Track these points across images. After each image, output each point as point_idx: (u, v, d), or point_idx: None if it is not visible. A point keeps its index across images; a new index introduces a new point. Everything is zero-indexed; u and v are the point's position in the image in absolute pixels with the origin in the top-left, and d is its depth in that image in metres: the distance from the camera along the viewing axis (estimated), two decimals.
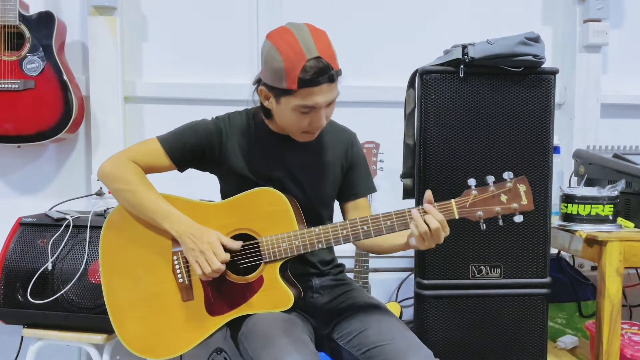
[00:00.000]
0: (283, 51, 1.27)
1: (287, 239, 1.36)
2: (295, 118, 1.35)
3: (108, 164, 1.44)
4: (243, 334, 1.36)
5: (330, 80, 1.30)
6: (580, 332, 2.26)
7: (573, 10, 2.48)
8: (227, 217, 1.41)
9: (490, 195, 1.28)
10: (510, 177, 1.29)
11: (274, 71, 1.29)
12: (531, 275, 1.80)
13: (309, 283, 1.50)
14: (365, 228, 1.33)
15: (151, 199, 1.40)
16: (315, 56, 1.26)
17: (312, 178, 1.49)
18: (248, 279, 1.38)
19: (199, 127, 1.46)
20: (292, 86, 1.27)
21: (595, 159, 1.99)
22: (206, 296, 1.40)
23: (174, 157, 1.44)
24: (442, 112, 1.75)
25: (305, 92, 1.28)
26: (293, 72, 1.26)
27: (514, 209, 1.28)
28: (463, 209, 1.29)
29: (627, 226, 1.81)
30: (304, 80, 1.26)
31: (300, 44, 1.27)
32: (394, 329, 1.37)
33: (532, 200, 1.29)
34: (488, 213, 1.28)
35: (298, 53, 1.26)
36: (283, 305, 1.36)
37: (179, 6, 2.39)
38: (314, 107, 1.32)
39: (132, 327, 1.44)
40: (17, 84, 2.09)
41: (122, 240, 1.46)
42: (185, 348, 1.42)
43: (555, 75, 1.77)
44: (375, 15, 2.44)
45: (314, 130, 1.39)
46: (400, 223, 1.31)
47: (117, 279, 1.46)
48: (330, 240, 1.35)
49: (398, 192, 1.94)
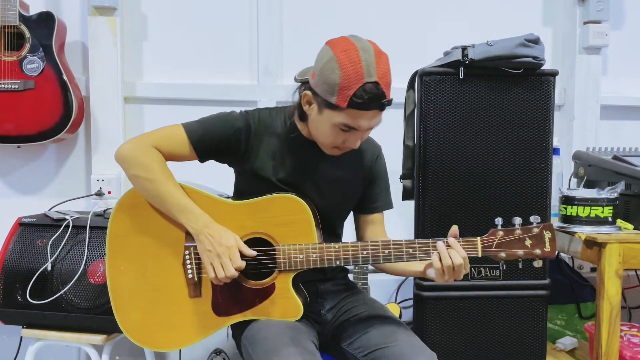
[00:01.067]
0: (343, 67, 1.23)
1: (304, 250, 1.33)
2: (332, 133, 1.32)
3: (128, 147, 1.38)
4: (247, 337, 1.35)
5: (380, 108, 1.29)
6: (579, 333, 2.26)
7: (573, 12, 2.48)
8: (246, 219, 1.37)
9: (515, 238, 1.29)
10: (538, 222, 1.29)
11: (328, 83, 1.25)
12: (530, 276, 1.80)
13: (314, 288, 1.49)
14: (386, 252, 1.31)
15: (171, 190, 1.35)
16: (373, 81, 1.23)
17: (334, 189, 1.47)
18: (259, 284, 1.36)
19: (228, 120, 1.41)
20: (341, 104, 1.25)
21: (595, 160, 1.99)
22: (214, 295, 1.38)
23: (198, 147, 1.39)
24: (441, 113, 1.75)
25: (352, 113, 1.26)
26: (347, 91, 1.23)
27: (536, 255, 1.29)
28: (488, 249, 1.29)
29: (626, 228, 1.81)
30: (355, 103, 1.24)
31: (362, 65, 1.23)
32: (397, 331, 1.37)
33: (555, 248, 1.29)
34: (510, 256, 1.29)
35: (358, 74, 1.23)
36: (292, 316, 1.35)
37: (179, 6, 2.39)
38: (355, 129, 1.30)
39: (133, 314, 1.42)
40: (17, 84, 2.09)
41: (133, 225, 1.42)
42: (186, 343, 1.40)
43: (555, 77, 1.77)
44: (375, 16, 2.44)
45: (346, 149, 1.37)
46: (422, 253, 1.30)
47: (122, 264, 1.42)
48: (349, 260, 1.33)
49: (398, 193, 1.94)
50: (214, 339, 1.43)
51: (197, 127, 1.40)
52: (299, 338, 1.30)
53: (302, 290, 1.41)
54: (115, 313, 1.43)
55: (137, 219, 1.42)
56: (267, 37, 2.39)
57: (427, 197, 1.77)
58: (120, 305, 1.43)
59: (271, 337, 1.28)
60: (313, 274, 1.45)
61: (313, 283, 1.48)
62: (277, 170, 1.42)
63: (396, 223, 1.99)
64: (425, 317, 1.79)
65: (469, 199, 1.76)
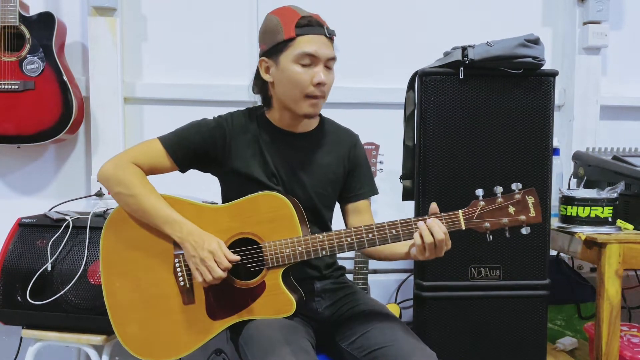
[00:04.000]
0: (278, 12, 1.40)
1: (290, 244, 1.34)
2: (297, 75, 1.37)
3: (109, 167, 1.42)
4: (243, 338, 1.35)
5: (327, 35, 1.38)
6: (579, 333, 2.26)
7: (573, 12, 2.49)
8: (230, 221, 1.39)
9: (497, 207, 1.27)
10: (519, 188, 1.26)
11: (271, 30, 1.38)
12: (530, 277, 1.80)
13: (310, 287, 1.49)
14: (370, 236, 1.31)
15: (153, 203, 1.38)
16: (308, 14, 1.38)
17: (314, 177, 1.49)
18: (250, 284, 1.37)
19: (201, 126, 1.45)
20: (290, 34, 1.35)
21: (595, 160, 1.99)
22: (207, 300, 1.39)
23: (176, 157, 1.43)
24: (441, 113, 1.75)
25: (303, 40, 1.35)
26: (290, 24, 1.35)
27: (521, 221, 1.26)
28: (470, 220, 1.28)
29: (626, 228, 1.81)
30: (301, 26, 1.35)
31: (292, 8, 1.40)
32: (397, 331, 1.37)
33: (541, 212, 1.27)
34: (495, 225, 1.27)
35: (292, 12, 1.38)
36: (285, 312, 1.35)
37: (179, 7, 2.39)
38: (314, 56, 1.36)
39: (132, 328, 1.43)
40: (17, 84, 2.09)
41: (123, 240, 1.44)
42: (185, 351, 1.41)
43: (554, 77, 1.77)
44: (375, 17, 2.44)
45: (317, 91, 1.38)
46: (405, 232, 1.30)
47: (117, 280, 1.45)
48: (335, 248, 1.33)
49: (398, 193, 1.95)
50: (214, 339, 1.43)
51: (173, 137, 1.45)
52: (295, 337, 1.30)
53: (297, 288, 1.41)
54: (114, 328, 1.45)
55: (126, 234, 1.44)
56: None
57: (427, 197, 1.76)
58: (119, 320, 1.45)
59: (266, 336, 1.29)
60: (307, 271, 1.48)
61: (309, 282, 1.49)
62: (257, 166, 1.45)
63: None
64: (425, 318, 1.79)
65: (469, 199, 1.74)
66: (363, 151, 1.60)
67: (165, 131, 1.48)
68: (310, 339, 1.38)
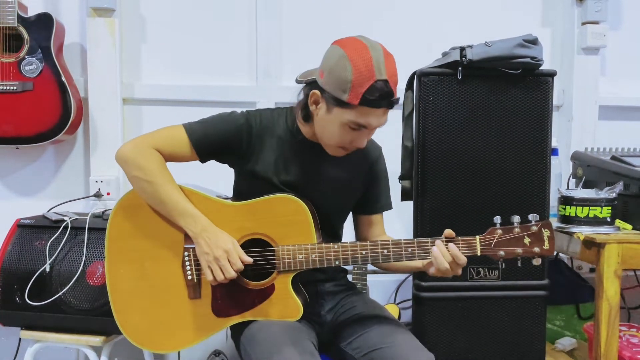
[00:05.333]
0: (356, 65, 1.24)
1: (304, 251, 1.33)
2: (341, 132, 1.32)
3: (128, 149, 1.38)
4: (246, 337, 1.35)
5: (389, 106, 1.30)
6: (578, 334, 2.26)
7: (571, 13, 2.49)
8: (244, 220, 1.37)
9: (514, 237, 1.29)
10: (536, 220, 1.29)
11: (340, 81, 1.26)
12: (529, 277, 1.80)
13: (314, 289, 1.49)
14: (385, 252, 1.32)
15: (170, 193, 1.35)
16: (384, 79, 1.25)
17: (333, 189, 1.47)
18: (259, 285, 1.37)
19: (230, 119, 1.42)
20: (353, 101, 1.25)
21: (594, 161, 1.99)
22: (214, 296, 1.38)
23: (199, 148, 1.39)
24: (440, 114, 1.75)
25: (363, 111, 1.27)
26: (359, 88, 1.24)
27: (534, 253, 1.29)
28: (486, 248, 1.30)
29: (625, 228, 1.81)
30: (367, 100, 1.25)
31: (373, 63, 1.25)
32: (396, 332, 1.37)
33: (554, 245, 1.29)
34: (509, 254, 1.29)
35: (370, 71, 1.24)
36: (291, 317, 1.35)
37: (178, 8, 2.39)
38: (364, 127, 1.31)
39: (134, 316, 1.42)
40: (15, 85, 2.09)
41: (132, 225, 1.42)
42: (186, 345, 1.40)
43: (553, 78, 1.77)
44: (374, 17, 2.45)
45: (352, 148, 1.37)
46: (421, 252, 1.31)
47: (122, 267, 1.42)
48: (348, 259, 1.33)
49: (396, 193, 1.94)
50: (213, 340, 1.43)
51: (198, 127, 1.41)
52: (298, 338, 1.30)
53: (302, 290, 1.41)
54: (115, 315, 1.43)
55: (136, 220, 1.41)
56: (266, 38, 2.39)
57: (425, 197, 1.77)
58: (120, 308, 1.43)
59: (270, 337, 1.28)
60: (313, 274, 1.46)
61: (313, 284, 1.49)
62: (278, 172, 1.42)
63: (395, 224, 1.99)
64: (424, 318, 1.79)
65: (468, 199, 1.76)
66: (384, 164, 1.59)
67: None
68: (313, 340, 1.38)
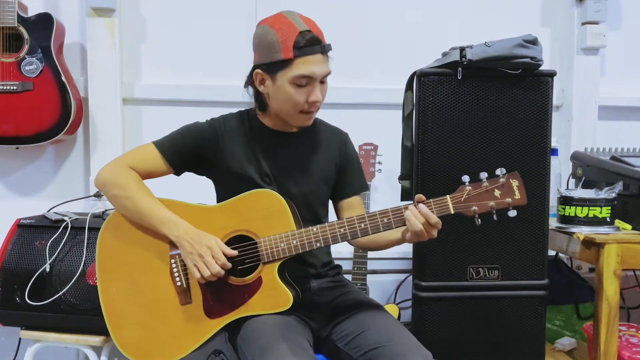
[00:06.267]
0: (275, 26, 1.35)
1: (285, 238, 1.36)
2: (293, 93, 1.37)
3: (105, 171, 1.45)
4: (241, 337, 1.36)
5: (323, 51, 1.36)
6: (578, 334, 2.26)
7: (571, 13, 2.49)
8: (225, 220, 1.41)
9: (484, 191, 1.31)
10: (503, 173, 1.32)
11: (269, 45, 1.35)
12: (529, 277, 1.80)
13: (307, 285, 1.50)
14: (362, 226, 1.34)
15: (148, 205, 1.41)
16: (305, 29, 1.34)
17: (306, 175, 1.51)
18: (246, 280, 1.38)
19: (195, 129, 1.48)
20: (288, 55, 1.32)
21: (593, 161, 1.99)
22: (205, 299, 1.40)
23: (172, 161, 1.46)
24: (440, 114, 1.75)
25: (301, 61, 1.33)
26: (288, 42, 1.32)
27: (507, 204, 1.31)
28: (458, 204, 1.32)
29: (624, 228, 1.81)
30: (299, 48, 1.32)
31: (291, 20, 1.35)
32: (393, 331, 1.37)
33: (525, 194, 1.31)
34: (482, 208, 1.31)
35: (290, 26, 1.34)
36: (282, 306, 1.36)
37: (178, 8, 2.39)
38: (310, 78, 1.35)
39: (129, 331, 1.43)
40: (15, 85, 2.09)
41: (120, 243, 1.45)
42: (184, 352, 1.41)
43: (553, 78, 1.77)
44: (374, 17, 2.45)
45: (312, 108, 1.41)
46: (397, 220, 1.33)
47: (113, 283, 1.45)
48: (328, 239, 1.35)
49: (396, 193, 1.95)
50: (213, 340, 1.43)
51: (167, 141, 1.48)
52: (291, 335, 1.31)
53: (294, 286, 1.42)
54: (111, 333, 1.45)
55: (122, 238, 1.45)
56: None
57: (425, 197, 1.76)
58: (116, 325, 1.44)
59: (263, 334, 1.30)
60: (304, 269, 1.49)
61: (305, 280, 1.50)
62: (251, 166, 1.46)
63: None
64: (424, 318, 1.79)
65: None
66: (353, 148, 1.63)
67: (163, 132, 1.49)
68: (307, 337, 1.38)
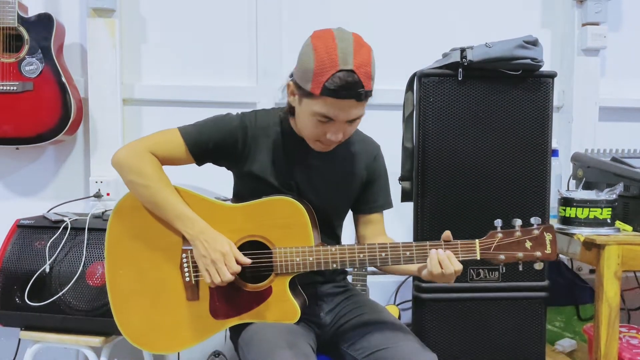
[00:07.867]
0: (318, 54, 1.23)
1: (301, 253, 1.33)
2: (311, 124, 1.30)
3: (124, 153, 1.38)
4: (243, 339, 1.35)
5: (357, 98, 1.24)
6: (578, 335, 2.26)
7: (571, 14, 2.49)
8: (242, 222, 1.37)
9: (515, 240, 1.27)
10: (538, 224, 1.27)
11: (304, 70, 1.25)
12: (529, 278, 1.80)
13: (313, 291, 1.49)
14: (383, 255, 1.31)
15: (166, 196, 1.35)
16: (348, 69, 1.21)
17: (330, 187, 1.46)
18: (257, 287, 1.36)
19: (225, 123, 1.41)
20: (315, 91, 1.23)
21: (594, 162, 1.99)
22: (212, 298, 1.38)
23: (195, 151, 1.39)
24: (440, 115, 1.75)
25: (326, 101, 1.24)
26: (320, 77, 1.21)
27: (536, 257, 1.27)
28: (486, 252, 1.28)
29: (625, 229, 1.81)
30: (328, 89, 1.21)
31: (338, 52, 1.22)
32: (397, 333, 1.37)
33: (556, 250, 1.27)
34: (510, 258, 1.27)
35: (332, 60, 1.21)
36: (289, 319, 1.35)
37: (178, 8, 2.39)
38: (331, 119, 1.28)
39: (133, 317, 1.42)
40: (15, 85, 2.09)
41: (131, 228, 1.42)
42: (183, 346, 1.41)
43: (553, 79, 1.77)
44: (374, 17, 2.44)
45: (329, 143, 1.34)
46: (419, 256, 1.30)
47: (122, 268, 1.42)
48: (346, 262, 1.32)
49: (397, 194, 1.94)
50: (213, 340, 1.43)
51: (193, 130, 1.40)
52: (295, 340, 1.29)
53: (300, 292, 1.41)
54: (114, 316, 1.44)
55: (134, 222, 1.42)
56: (266, 39, 2.39)
57: (426, 198, 1.77)
58: (120, 309, 1.43)
59: (267, 339, 1.28)
60: (312, 276, 1.45)
61: (312, 285, 1.48)
62: (274, 172, 1.42)
63: (395, 225, 1.99)
64: (424, 319, 1.79)
65: (468, 200, 1.76)
66: (383, 163, 1.56)
67: None
68: (311, 342, 1.38)
